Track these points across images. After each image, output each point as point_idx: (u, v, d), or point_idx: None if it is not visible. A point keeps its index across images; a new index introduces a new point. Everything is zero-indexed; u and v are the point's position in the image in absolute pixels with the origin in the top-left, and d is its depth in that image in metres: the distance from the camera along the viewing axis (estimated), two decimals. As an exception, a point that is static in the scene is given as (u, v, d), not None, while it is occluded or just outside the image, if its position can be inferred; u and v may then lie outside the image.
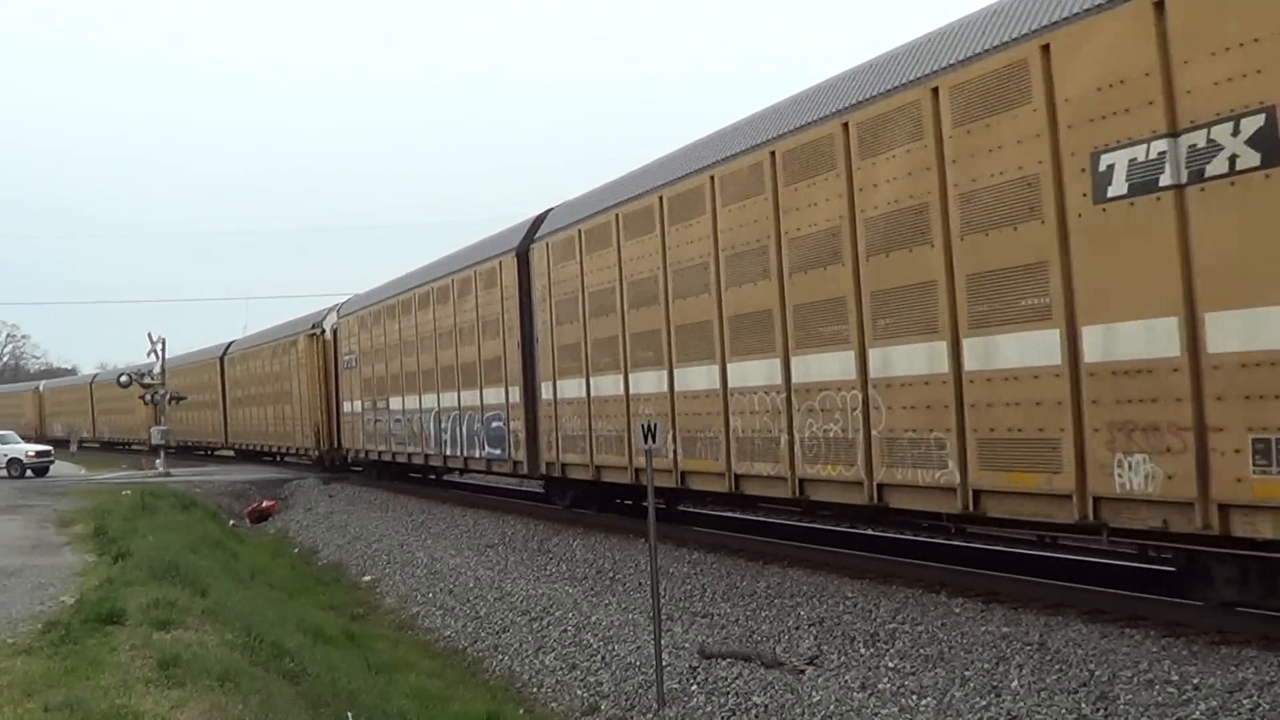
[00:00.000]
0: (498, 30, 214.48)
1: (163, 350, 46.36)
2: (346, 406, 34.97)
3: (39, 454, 44.63)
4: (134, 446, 62.13)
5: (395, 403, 29.73)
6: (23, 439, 48.39)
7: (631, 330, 17.20)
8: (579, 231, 19.04)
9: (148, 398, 46.35)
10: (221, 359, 52.45)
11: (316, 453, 38.62)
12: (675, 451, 15.84)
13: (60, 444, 61.02)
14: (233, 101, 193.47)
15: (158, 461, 44.04)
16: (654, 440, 11.14)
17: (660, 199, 16.30)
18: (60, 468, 45.93)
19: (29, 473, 42.54)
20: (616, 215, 17.68)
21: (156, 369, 46.34)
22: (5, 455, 43.20)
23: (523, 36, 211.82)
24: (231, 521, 29.18)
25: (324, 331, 37.65)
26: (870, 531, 17.01)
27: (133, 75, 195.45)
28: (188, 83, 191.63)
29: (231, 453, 52.62)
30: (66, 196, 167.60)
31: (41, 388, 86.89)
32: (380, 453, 31.52)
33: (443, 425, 26.20)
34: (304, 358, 39.07)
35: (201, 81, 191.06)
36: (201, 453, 56.82)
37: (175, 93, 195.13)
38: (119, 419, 65.07)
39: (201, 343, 61.07)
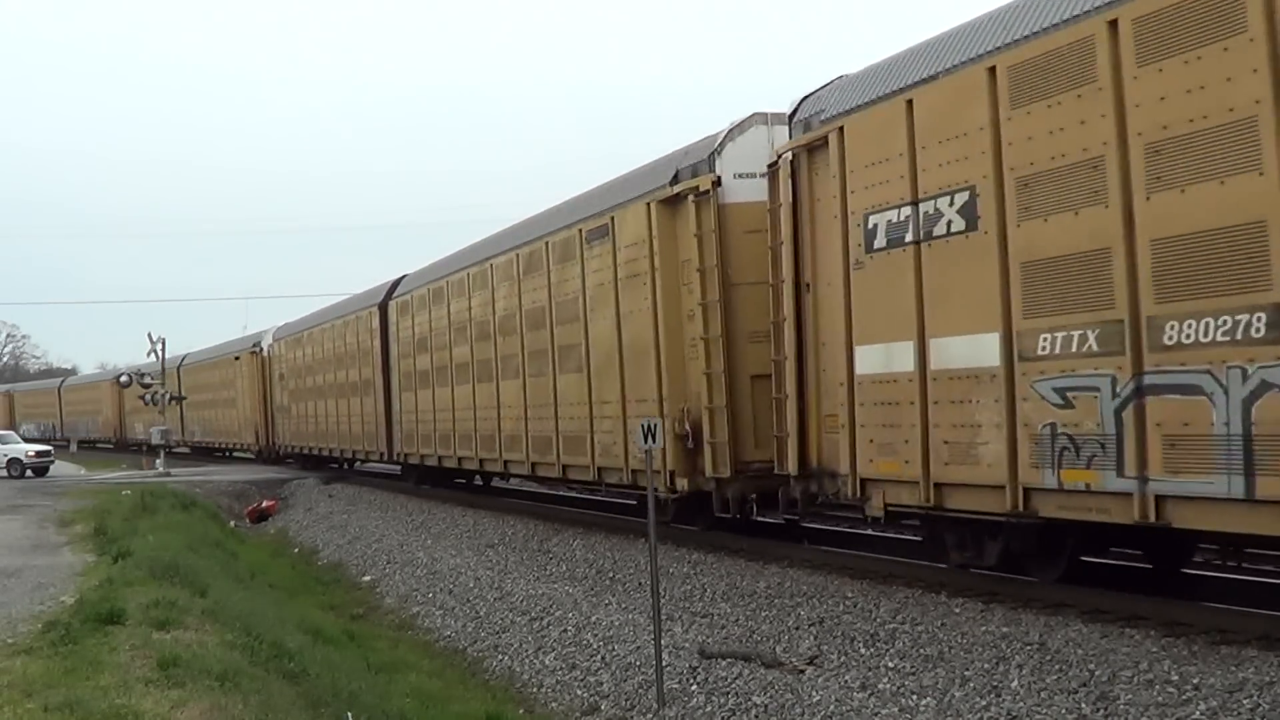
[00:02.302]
0: (497, 32, 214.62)
1: (163, 350, 46.38)
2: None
3: (39, 454, 44.62)
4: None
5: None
6: None
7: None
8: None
9: (147, 398, 46.35)
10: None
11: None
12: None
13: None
14: (233, 102, 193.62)
15: (158, 461, 44.04)
16: (654, 440, 11.15)
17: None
18: (60, 468, 45.92)
19: (29, 473, 42.53)
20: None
21: (153, 368, 46.38)
22: (5, 455, 43.19)
23: (522, 38, 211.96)
24: (232, 521, 29.19)
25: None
26: (870, 531, 17.02)
27: (133, 76, 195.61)
28: (188, 83, 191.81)
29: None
30: (67, 197, 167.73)
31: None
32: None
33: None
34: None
35: (202, 82, 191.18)
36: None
37: (175, 93, 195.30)
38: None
39: (202, 342, 60.91)
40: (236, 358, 47.76)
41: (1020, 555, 11.68)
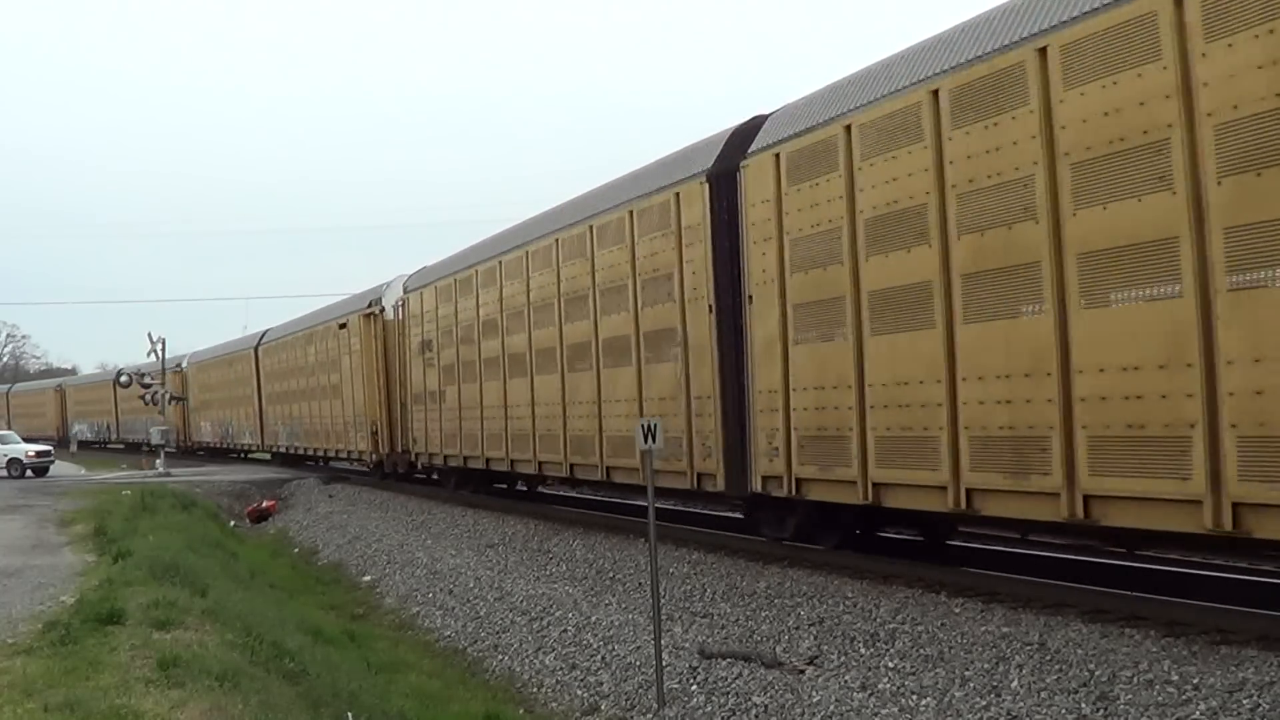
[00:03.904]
0: (497, 33, 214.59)
1: (163, 350, 46.40)
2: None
3: (39, 454, 44.63)
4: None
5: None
6: None
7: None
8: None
9: (147, 398, 46.36)
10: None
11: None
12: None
13: None
14: (233, 103, 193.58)
15: (158, 461, 44.05)
16: (655, 440, 11.14)
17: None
18: (60, 468, 45.94)
19: (29, 473, 42.53)
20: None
21: (158, 368, 46.38)
22: (5, 455, 43.20)
23: (522, 40, 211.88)
24: (232, 521, 29.20)
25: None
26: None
27: (133, 77, 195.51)
28: (188, 84, 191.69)
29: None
30: (67, 197, 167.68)
31: None
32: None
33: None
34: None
35: (202, 83, 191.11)
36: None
37: (175, 94, 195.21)
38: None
39: (202, 342, 60.72)
40: (342, 325, 35.03)
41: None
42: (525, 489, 26.74)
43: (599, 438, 18.62)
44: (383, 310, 31.72)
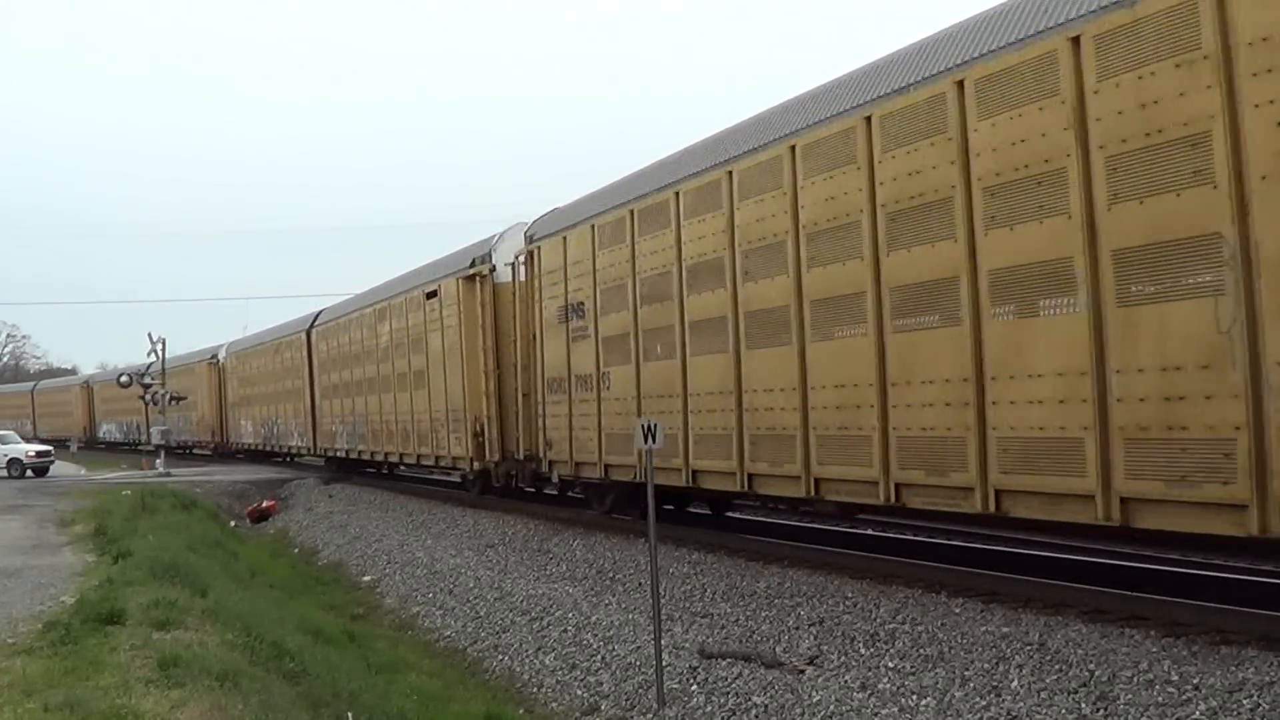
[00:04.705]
0: (496, 34, 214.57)
1: (163, 350, 46.39)
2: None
3: (39, 454, 44.63)
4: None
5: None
6: None
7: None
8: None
9: (147, 398, 46.36)
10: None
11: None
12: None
13: None
14: (232, 103, 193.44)
15: (158, 461, 44.05)
16: (655, 440, 11.14)
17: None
18: (60, 468, 45.93)
19: (29, 473, 42.54)
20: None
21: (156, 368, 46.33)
22: (5, 455, 43.19)
23: (520, 41, 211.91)
24: (232, 521, 29.19)
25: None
26: (870, 531, 17.03)
27: (133, 77, 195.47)
28: (188, 84, 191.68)
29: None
30: (67, 197, 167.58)
31: None
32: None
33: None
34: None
35: (201, 83, 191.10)
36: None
37: (175, 94, 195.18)
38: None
39: (202, 343, 58.41)
40: (430, 293, 27.07)
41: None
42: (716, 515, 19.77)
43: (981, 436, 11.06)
44: (493, 270, 23.57)
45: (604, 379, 18.53)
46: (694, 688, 10.50)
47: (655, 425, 11.21)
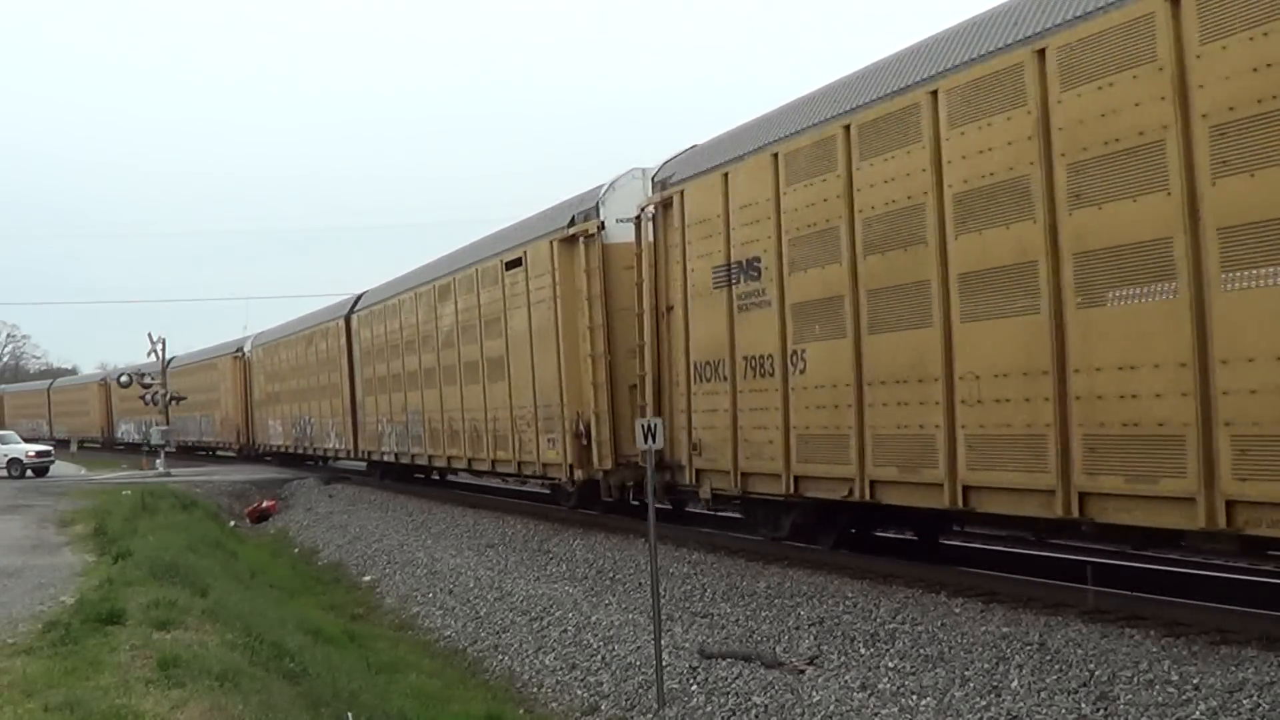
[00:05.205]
0: (496, 33, 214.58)
1: (163, 350, 46.41)
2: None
3: (39, 454, 44.65)
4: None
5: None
6: None
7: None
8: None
9: (148, 398, 46.38)
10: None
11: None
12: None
13: None
14: (232, 103, 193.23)
15: (158, 461, 44.07)
16: (655, 440, 11.14)
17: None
18: (60, 468, 45.97)
19: (29, 473, 42.56)
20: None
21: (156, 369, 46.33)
22: (5, 455, 43.21)
23: (521, 40, 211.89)
24: (232, 521, 29.21)
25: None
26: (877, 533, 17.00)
27: (133, 77, 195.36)
28: (188, 83, 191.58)
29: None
30: (67, 197, 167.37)
31: None
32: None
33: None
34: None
35: (201, 83, 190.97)
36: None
37: (175, 94, 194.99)
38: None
39: (202, 343, 57.21)
40: (512, 263, 21.86)
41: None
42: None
43: None
44: (601, 228, 18.80)
45: (794, 360, 13.59)
46: (694, 688, 10.50)
47: (657, 425, 11.20)
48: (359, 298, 33.99)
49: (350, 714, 9.52)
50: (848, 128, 12.62)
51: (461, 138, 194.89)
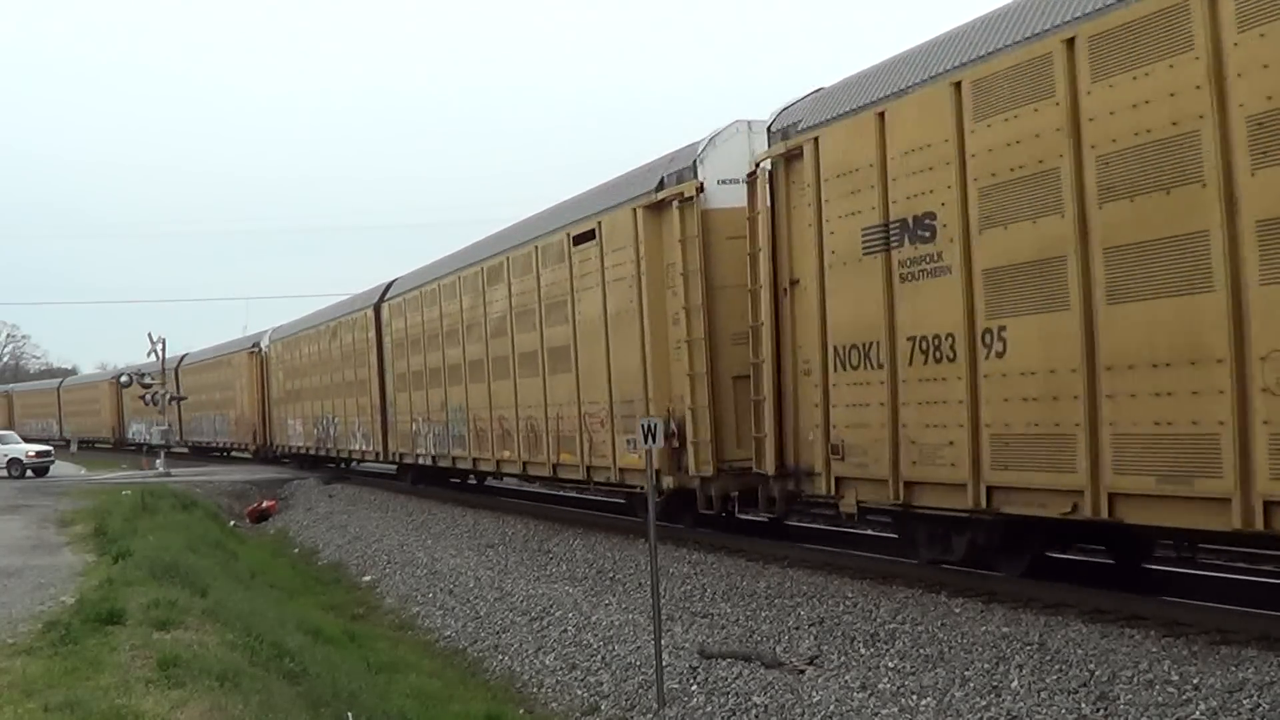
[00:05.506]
0: (496, 33, 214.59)
1: (163, 350, 46.41)
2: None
3: (39, 454, 44.65)
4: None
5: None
6: None
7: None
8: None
9: (148, 398, 46.38)
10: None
11: None
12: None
13: None
14: (232, 103, 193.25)
15: (158, 461, 44.06)
16: (655, 440, 11.13)
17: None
18: (60, 468, 45.95)
19: (29, 473, 42.56)
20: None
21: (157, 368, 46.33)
22: (5, 455, 43.22)
23: (521, 39, 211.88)
24: (232, 521, 29.21)
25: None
26: (870, 532, 17.02)
27: (133, 77, 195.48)
28: (187, 84, 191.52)
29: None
30: (67, 197, 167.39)
31: None
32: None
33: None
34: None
35: (201, 83, 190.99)
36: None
37: (175, 94, 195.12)
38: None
39: (202, 342, 56.57)
40: (581, 237, 19.01)
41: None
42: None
43: None
44: (700, 190, 15.88)
45: (986, 340, 10.97)
46: (694, 688, 10.50)
47: (656, 424, 11.18)
48: (389, 285, 31.09)
49: (350, 714, 9.52)
50: (1070, 41, 9.83)
51: (462, 138, 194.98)
